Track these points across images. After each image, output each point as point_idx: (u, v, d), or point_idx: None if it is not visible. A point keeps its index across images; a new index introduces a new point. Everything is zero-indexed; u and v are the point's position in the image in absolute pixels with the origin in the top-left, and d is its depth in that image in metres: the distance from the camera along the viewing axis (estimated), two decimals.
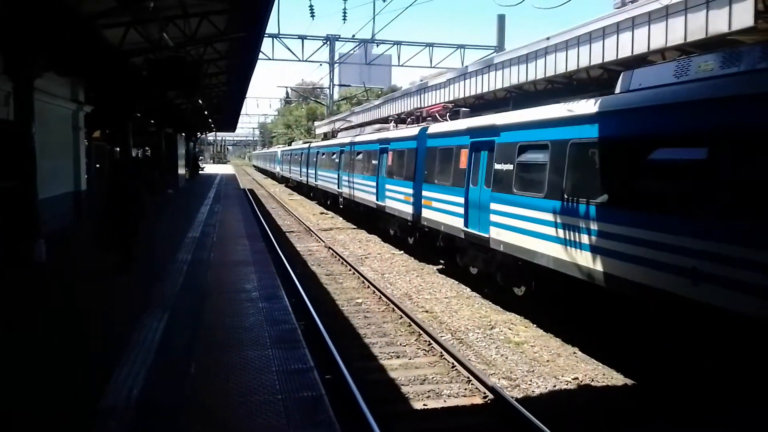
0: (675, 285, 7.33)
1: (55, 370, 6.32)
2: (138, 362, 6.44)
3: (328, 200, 32.30)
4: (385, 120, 32.13)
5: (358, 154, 24.12)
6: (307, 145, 40.19)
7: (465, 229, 13.32)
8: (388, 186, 19.54)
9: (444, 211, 14.71)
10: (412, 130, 18.03)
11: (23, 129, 11.67)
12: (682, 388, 7.85)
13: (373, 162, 21.57)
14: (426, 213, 16.01)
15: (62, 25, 11.55)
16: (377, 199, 20.84)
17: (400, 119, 25.62)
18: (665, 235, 7.49)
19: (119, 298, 9.37)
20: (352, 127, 35.06)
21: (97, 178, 21.10)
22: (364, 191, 23.00)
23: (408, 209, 17.37)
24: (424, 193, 16.14)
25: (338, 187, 27.76)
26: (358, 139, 25.24)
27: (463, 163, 13.68)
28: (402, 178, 18.15)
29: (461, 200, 13.56)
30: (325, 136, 47.26)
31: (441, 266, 16.08)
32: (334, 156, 28.94)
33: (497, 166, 11.93)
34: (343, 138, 29.24)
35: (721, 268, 6.74)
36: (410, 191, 17.13)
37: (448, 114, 18.24)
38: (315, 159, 34.99)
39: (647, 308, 8.38)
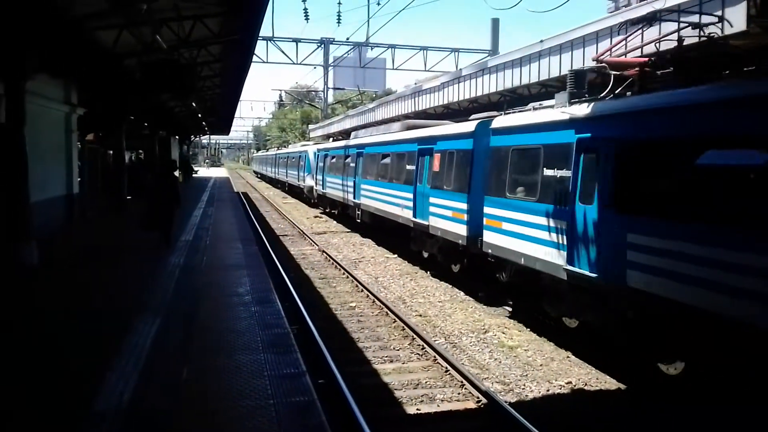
0: None
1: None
2: (126, 371, 6.40)
3: None
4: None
5: None
6: (474, 123, 13.39)
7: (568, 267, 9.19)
8: None
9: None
10: None
11: (15, 132, 11.59)
12: (676, 392, 7.85)
13: None
14: None
15: (54, 27, 11.49)
16: None
17: None
18: None
19: (112, 300, 9.31)
20: None
21: (91, 179, 21.00)
22: None
23: None
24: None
25: None
26: None
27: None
28: None
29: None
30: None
31: (434, 270, 16.02)
32: None
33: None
34: None
35: None
36: None
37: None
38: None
39: None
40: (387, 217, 18.94)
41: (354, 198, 23.38)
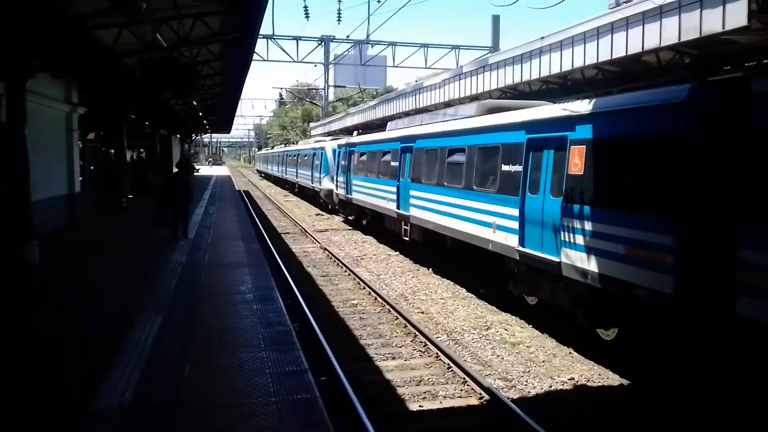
0: None
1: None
2: (128, 369, 6.40)
3: None
4: None
5: None
6: None
7: None
8: None
9: None
10: None
11: (16, 131, 11.60)
12: (678, 387, 7.83)
13: None
14: None
15: (54, 26, 11.48)
16: None
17: None
18: None
19: (114, 298, 9.32)
20: None
21: (93, 178, 21.01)
22: None
23: None
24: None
25: None
26: None
27: None
28: None
29: None
30: None
31: (436, 267, 15.98)
32: None
33: None
34: None
35: None
36: None
37: None
38: None
39: None
40: (460, 239, 13.37)
41: (398, 208, 17.75)
